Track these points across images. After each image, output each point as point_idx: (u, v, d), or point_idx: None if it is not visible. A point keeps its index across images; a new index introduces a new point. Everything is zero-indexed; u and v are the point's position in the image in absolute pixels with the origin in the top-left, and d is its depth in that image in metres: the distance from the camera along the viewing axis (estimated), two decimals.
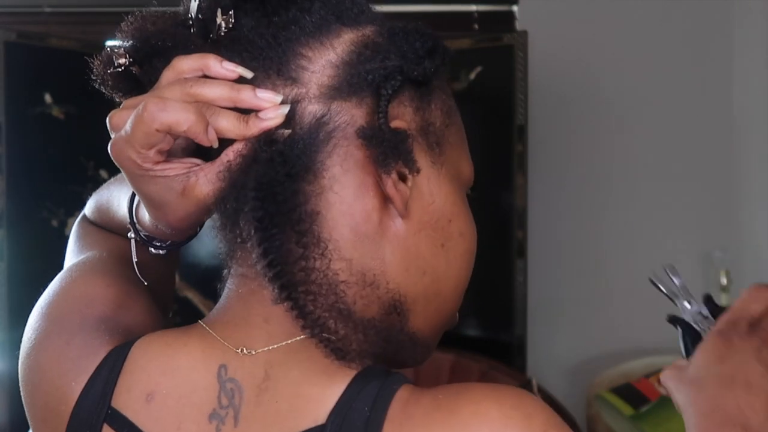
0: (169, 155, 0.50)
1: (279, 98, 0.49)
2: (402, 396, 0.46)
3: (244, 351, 0.50)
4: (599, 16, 2.03)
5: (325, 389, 0.47)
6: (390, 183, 0.49)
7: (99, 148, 2.15)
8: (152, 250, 0.59)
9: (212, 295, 1.88)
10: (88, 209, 0.74)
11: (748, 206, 2.02)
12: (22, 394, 0.58)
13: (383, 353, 0.48)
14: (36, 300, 0.61)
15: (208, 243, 0.62)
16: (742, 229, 2.03)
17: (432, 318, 0.54)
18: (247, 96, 0.49)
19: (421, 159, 0.50)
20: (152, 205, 0.52)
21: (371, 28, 0.52)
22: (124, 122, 0.49)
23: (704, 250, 2.05)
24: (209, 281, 2.22)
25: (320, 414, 0.46)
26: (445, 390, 0.46)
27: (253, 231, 0.47)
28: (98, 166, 1.82)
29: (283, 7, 0.51)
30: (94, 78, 0.54)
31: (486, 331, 1.89)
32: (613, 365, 1.92)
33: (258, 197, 0.46)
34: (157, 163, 0.49)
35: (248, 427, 0.48)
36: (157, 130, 0.47)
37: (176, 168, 0.50)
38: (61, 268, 0.63)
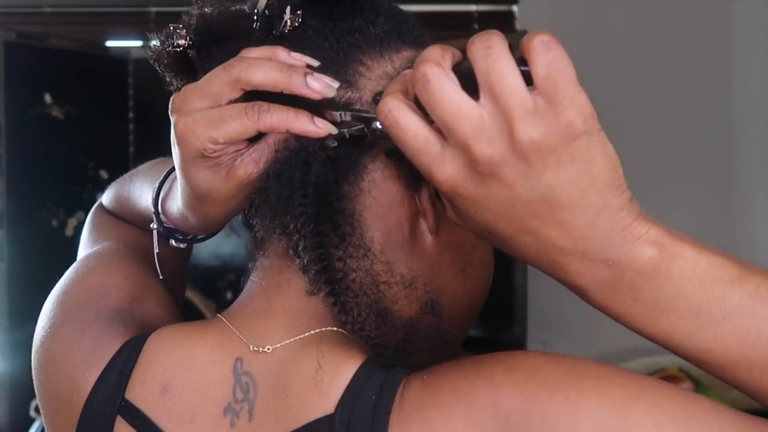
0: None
1: (334, 85, 0.49)
2: (405, 382, 0.46)
3: (260, 349, 0.50)
4: (599, 17, 2.03)
5: (333, 379, 0.47)
6: (425, 197, 0.51)
7: (99, 148, 2.14)
8: (173, 242, 0.60)
9: (212, 295, 1.88)
10: (106, 199, 0.74)
11: (748, 206, 2.02)
12: (34, 383, 0.58)
13: (417, 353, 0.48)
14: (36, 300, 0.61)
15: (208, 243, 0.62)
16: (742, 229, 2.03)
17: None
18: (297, 84, 0.48)
19: None
20: (198, 194, 0.52)
21: None
22: (187, 102, 0.49)
23: None
24: (209, 281, 2.21)
25: (329, 404, 0.46)
26: (430, 371, 0.46)
27: (300, 225, 0.48)
28: (98, 166, 1.82)
29: (349, 14, 0.53)
30: (151, 54, 0.55)
31: (486, 331, 1.89)
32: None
33: (306, 195, 0.47)
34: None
35: (262, 422, 0.48)
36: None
37: (228, 152, 0.50)
38: (61, 268, 0.63)
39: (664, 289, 0.42)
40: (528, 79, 0.40)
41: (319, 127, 0.48)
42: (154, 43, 0.54)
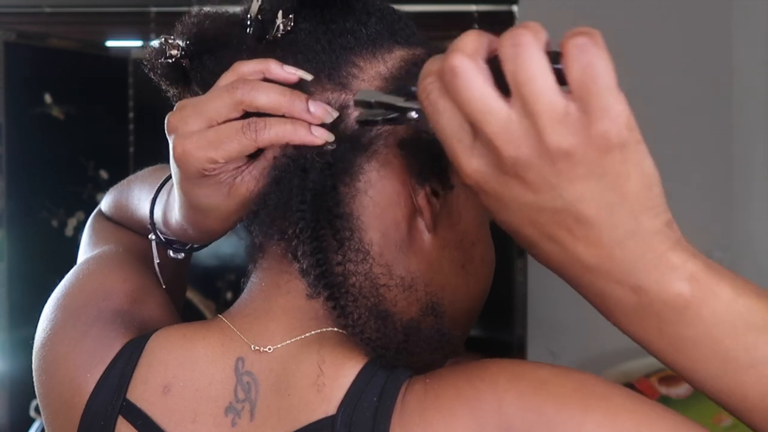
0: None
1: (334, 114, 0.50)
2: (407, 385, 0.46)
3: (262, 349, 0.51)
4: (599, 17, 2.03)
5: (335, 380, 0.47)
6: (422, 195, 0.51)
7: (99, 148, 2.14)
8: (171, 253, 0.60)
9: (212, 295, 1.88)
10: (105, 205, 0.75)
11: (748, 206, 2.02)
12: (35, 384, 0.58)
13: (419, 354, 0.48)
14: (36, 300, 0.61)
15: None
16: (742, 229, 2.03)
17: None
18: (299, 109, 0.49)
19: (455, 177, 0.51)
20: (199, 210, 0.52)
21: (421, 50, 0.54)
22: (185, 123, 0.49)
23: (704, 249, 2.03)
24: (209, 281, 2.21)
25: (330, 405, 0.46)
26: (433, 374, 0.46)
27: (299, 230, 0.48)
28: (98, 166, 1.82)
29: (341, 16, 0.53)
30: (145, 63, 0.55)
31: (486, 331, 1.89)
32: (613, 365, 1.91)
33: (304, 201, 0.48)
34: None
35: (264, 421, 0.49)
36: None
37: (228, 169, 0.51)
38: (61, 268, 0.63)
39: (691, 327, 0.40)
40: (564, 78, 0.37)
41: (316, 136, 0.49)
42: (148, 54, 0.55)
